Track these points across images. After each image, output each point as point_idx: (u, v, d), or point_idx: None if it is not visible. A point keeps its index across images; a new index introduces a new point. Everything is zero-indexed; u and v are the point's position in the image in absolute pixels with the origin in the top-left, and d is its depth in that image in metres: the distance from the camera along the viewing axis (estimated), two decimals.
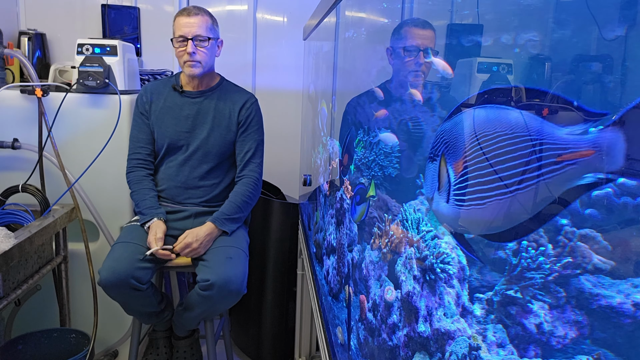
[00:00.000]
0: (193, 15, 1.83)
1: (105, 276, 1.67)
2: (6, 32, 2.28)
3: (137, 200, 1.90)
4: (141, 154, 1.95)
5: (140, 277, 1.69)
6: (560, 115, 0.52)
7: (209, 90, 1.95)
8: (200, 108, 1.93)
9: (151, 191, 1.91)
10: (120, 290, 1.69)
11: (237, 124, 1.94)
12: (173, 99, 1.95)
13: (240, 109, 1.94)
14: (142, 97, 1.96)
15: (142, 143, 1.95)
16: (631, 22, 0.45)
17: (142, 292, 1.72)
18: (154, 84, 2.01)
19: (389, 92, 1.10)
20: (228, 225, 1.86)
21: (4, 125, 2.05)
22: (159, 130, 1.94)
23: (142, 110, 1.95)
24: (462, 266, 0.67)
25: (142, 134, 1.95)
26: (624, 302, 0.49)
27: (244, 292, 1.75)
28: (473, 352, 0.59)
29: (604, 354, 0.49)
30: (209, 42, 1.85)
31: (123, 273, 1.66)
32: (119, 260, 1.70)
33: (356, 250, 1.14)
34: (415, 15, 1.10)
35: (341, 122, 1.40)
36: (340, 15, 1.48)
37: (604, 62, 0.51)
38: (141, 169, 1.94)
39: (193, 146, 1.91)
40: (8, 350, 1.89)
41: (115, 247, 1.78)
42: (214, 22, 1.91)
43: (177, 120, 1.92)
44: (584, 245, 0.51)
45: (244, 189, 1.91)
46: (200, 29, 1.84)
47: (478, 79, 0.71)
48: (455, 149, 0.65)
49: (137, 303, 1.77)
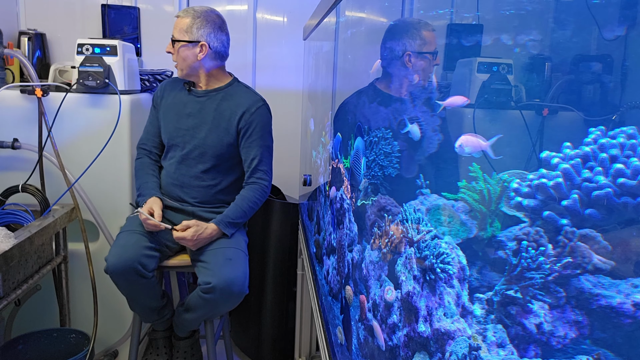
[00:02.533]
0: (179, 17, 1.86)
1: (112, 262, 1.70)
2: (6, 32, 2.28)
3: (139, 184, 1.95)
4: (147, 145, 2.02)
5: (146, 264, 1.73)
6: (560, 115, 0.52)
7: (214, 90, 1.93)
8: (202, 107, 1.92)
9: (153, 177, 1.96)
10: (126, 277, 1.71)
11: (237, 127, 1.89)
12: (180, 96, 1.96)
13: (243, 113, 1.88)
14: (158, 90, 2.03)
15: (150, 135, 2.02)
16: (631, 22, 0.45)
17: (147, 280, 1.74)
18: (172, 80, 2.06)
19: (381, 90, 1.10)
20: (230, 229, 1.86)
21: (4, 125, 2.05)
22: (163, 124, 1.98)
23: (155, 104, 2.02)
24: (462, 266, 0.66)
25: (152, 126, 2.02)
26: (624, 302, 0.49)
27: (246, 292, 1.75)
28: (473, 352, 0.59)
29: (604, 354, 0.49)
30: (177, 44, 1.85)
31: (130, 259, 1.70)
32: (125, 247, 1.74)
33: (356, 250, 1.14)
34: (415, 15, 1.10)
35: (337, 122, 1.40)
36: (340, 15, 1.48)
37: (604, 62, 0.51)
38: (146, 157, 2.01)
39: (191, 145, 1.90)
40: (8, 350, 1.89)
41: (120, 235, 1.82)
42: (195, 23, 1.82)
43: (179, 117, 1.93)
44: (584, 245, 0.51)
45: (252, 195, 1.89)
46: (174, 30, 1.87)
47: (478, 79, 0.71)
48: None
49: (142, 294, 1.79)
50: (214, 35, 1.86)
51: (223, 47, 1.91)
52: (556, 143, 0.57)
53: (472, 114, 0.75)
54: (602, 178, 0.54)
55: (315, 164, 1.99)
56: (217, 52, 1.89)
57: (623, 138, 0.53)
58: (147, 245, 1.78)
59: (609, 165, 0.53)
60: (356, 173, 1.07)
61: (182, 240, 1.79)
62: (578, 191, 0.55)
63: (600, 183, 0.53)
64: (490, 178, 0.67)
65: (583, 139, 0.56)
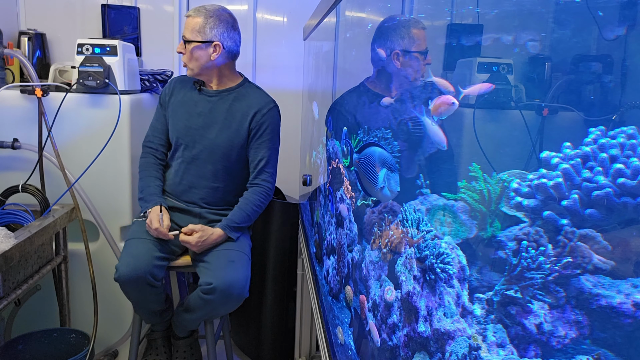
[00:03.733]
0: (190, 16, 1.83)
1: (124, 272, 1.69)
2: (6, 32, 2.28)
3: (142, 187, 1.92)
4: (153, 142, 1.98)
5: (156, 273, 1.73)
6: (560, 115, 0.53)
7: (226, 90, 1.92)
8: (213, 107, 1.90)
9: (156, 180, 1.93)
10: (137, 287, 1.71)
11: (248, 128, 1.88)
12: (191, 94, 1.94)
13: (255, 114, 1.87)
14: (166, 88, 2.00)
15: (157, 132, 1.99)
16: (631, 22, 0.45)
17: (156, 288, 1.74)
18: (182, 77, 2.02)
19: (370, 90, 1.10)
20: (236, 233, 1.86)
21: (4, 125, 2.05)
22: (172, 122, 1.95)
23: (162, 101, 1.99)
24: (462, 266, 0.66)
25: (158, 124, 1.99)
26: (624, 302, 0.49)
27: (246, 296, 1.74)
28: (473, 352, 0.59)
29: (604, 354, 0.49)
30: (190, 45, 1.81)
31: (142, 270, 1.69)
32: (137, 256, 1.72)
33: (356, 251, 1.14)
34: (415, 15, 1.10)
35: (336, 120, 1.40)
36: (340, 15, 1.48)
37: (604, 62, 0.51)
38: (151, 157, 1.97)
39: (201, 145, 1.89)
40: (8, 350, 1.89)
41: (131, 242, 1.79)
42: (208, 23, 1.79)
43: (190, 115, 1.91)
44: (584, 245, 0.51)
45: (255, 198, 1.89)
46: (186, 30, 1.83)
47: (478, 79, 0.71)
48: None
49: (150, 300, 1.79)
50: (227, 35, 1.83)
51: (236, 46, 1.88)
52: (556, 143, 0.57)
53: (472, 114, 0.75)
54: (602, 178, 0.54)
55: (315, 164, 1.99)
56: (230, 52, 1.86)
57: (623, 138, 0.53)
58: (158, 255, 1.77)
59: (609, 165, 0.53)
60: (371, 182, 1.02)
61: (187, 244, 1.79)
62: (578, 191, 0.55)
63: (600, 183, 0.53)
64: (490, 178, 0.67)
65: (583, 139, 0.56)
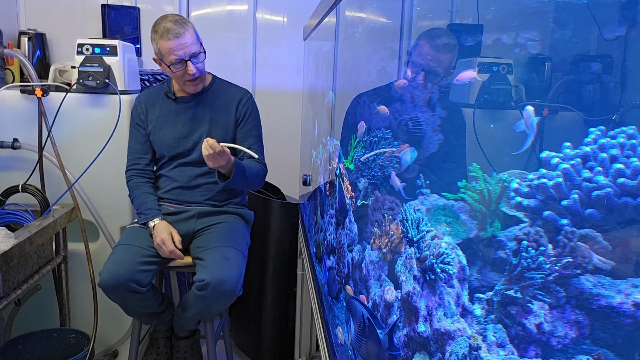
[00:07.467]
0: (180, 35, 1.74)
1: (105, 278, 1.67)
2: (6, 32, 2.28)
3: (138, 204, 1.90)
4: (140, 164, 1.95)
5: (140, 279, 1.70)
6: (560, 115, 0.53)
7: (202, 92, 1.93)
8: (195, 112, 1.92)
9: (151, 195, 1.91)
10: (119, 293, 1.69)
11: (235, 119, 1.93)
12: (168, 106, 1.93)
13: (237, 104, 1.94)
14: (137, 108, 1.95)
15: (140, 154, 1.95)
16: (631, 22, 0.45)
17: (141, 294, 1.72)
18: (147, 94, 1.98)
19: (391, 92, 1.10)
20: (237, 172, 1.74)
21: (4, 125, 2.05)
22: (157, 139, 1.93)
23: (138, 121, 1.95)
24: (462, 266, 0.66)
25: (139, 145, 1.95)
26: (624, 302, 0.49)
27: (238, 293, 1.74)
28: (473, 352, 0.59)
29: (604, 354, 0.49)
30: (197, 58, 1.80)
31: (123, 276, 1.66)
32: (119, 262, 1.70)
33: (356, 250, 1.14)
34: (415, 15, 1.10)
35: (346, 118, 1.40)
36: (340, 15, 1.48)
37: (604, 62, 0.51)
38: (140, 177, 1.94)
39: (193, 148, 1.90)
40: (8, 350, 1.89)
41: (116, 249, 1.78)
42: (194, 30, 1.81)
43: (174, 127, 1.91)
44: (584, 245, 0.51)
45: (255, 165, 1.86)
46: (194, 45, 1.78)
47: (478, 79, 0.71)
48: None
49: (137, 305, 1.77)
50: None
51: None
52: (556, 143, 0.57)
53: (472, 114, 0.75)
54: (602, 178, 0.54)
55: (315, 164, 1.99)
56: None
57: (623, 138, 0.53)
58: (142, 260, 1.74)
59: (609, 165, 0.53)
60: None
61: (206, 150, 1.63)
62: (578, 191, 0.55)
63: (600, 183, 0.53)
64: (490, 178, 0.67)
65: (583, 139, 0.56)
